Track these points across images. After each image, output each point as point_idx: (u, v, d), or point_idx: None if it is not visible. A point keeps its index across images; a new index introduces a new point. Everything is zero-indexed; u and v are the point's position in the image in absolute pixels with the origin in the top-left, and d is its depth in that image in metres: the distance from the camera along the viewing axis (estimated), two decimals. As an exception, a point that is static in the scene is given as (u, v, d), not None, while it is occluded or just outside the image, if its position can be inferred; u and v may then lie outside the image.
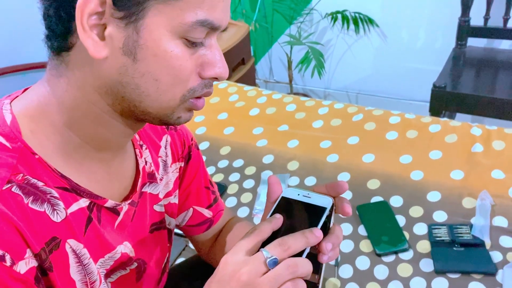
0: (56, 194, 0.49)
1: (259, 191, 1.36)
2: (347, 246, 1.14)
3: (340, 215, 0.55)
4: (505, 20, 1.92)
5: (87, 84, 0.49)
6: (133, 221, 0.61)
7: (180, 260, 1.18)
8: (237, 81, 2.33)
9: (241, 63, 2.51)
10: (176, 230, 1.25)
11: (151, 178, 0.65)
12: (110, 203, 0.56)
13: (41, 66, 2.12)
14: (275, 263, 0.45)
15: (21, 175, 0.47)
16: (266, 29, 2.72)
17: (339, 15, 2.41)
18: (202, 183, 0.78)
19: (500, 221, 1.12)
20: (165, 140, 0.70)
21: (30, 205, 0.46)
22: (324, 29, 2.59)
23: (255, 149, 1.54)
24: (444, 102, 1.84)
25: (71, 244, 0.51)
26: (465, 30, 2.03)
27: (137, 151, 0.63)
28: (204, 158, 1.54)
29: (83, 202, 0.52)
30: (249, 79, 2.56)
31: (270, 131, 1.61)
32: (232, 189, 1.40)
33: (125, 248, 0.59)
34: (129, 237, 0.60)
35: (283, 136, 1.57)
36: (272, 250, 0.46)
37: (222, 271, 0.46)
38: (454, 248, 1.07)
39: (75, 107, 0.50)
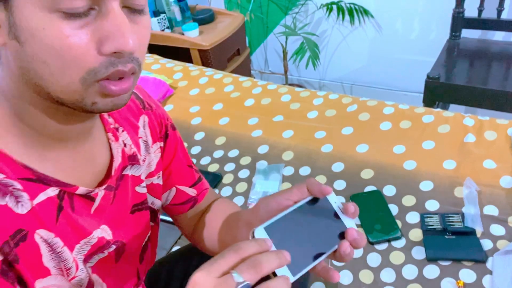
0: (19, 186, 0.47)
1: (254, 181, 1.38)
2: (340, 234, 1.16)
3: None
4: (499, 12, 1.93)
5: (10, 72, 0.46)
6: (113, 204, 0.60)
7: (176, 248, 1.20)
8: (232, 71, 2.34)
9: (236, 53, 2.51)
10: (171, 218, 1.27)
11: (132, 160, 0.63)
12: (81, 190, 0.54)
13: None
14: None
15: None
16: (261, 19, 2.72)
17: (334, 6, 2.41)
18: (184, 162, 0.76)
19: (491, 210, 1.14)
20: (143, 120, 0.68)
21: None
22: (319, 20, 2.59)
23: (250, 139, 1.55)
24: (437, 93, 1.85)
25: (42, 234, 0.50)
26: (459, 22, 2.04)
27: (110, 135, 0.61)
28: (199, 148, 1.55)
29: (51, 191, 0.51)
30: (244, 69, 2.56)
31: (265, 121, 1.62)
32: (227, 179, 1.41)
33: (102, 232, 0.58)
34: (108, 220, 0.59)
35: (278, 127, 1.58)
36: (244, 273, 0.43)
37: None
38: (446, 236, 1.09)
39: (15, 97, 0.48)
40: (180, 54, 2.29)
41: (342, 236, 0.54)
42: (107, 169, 0.60)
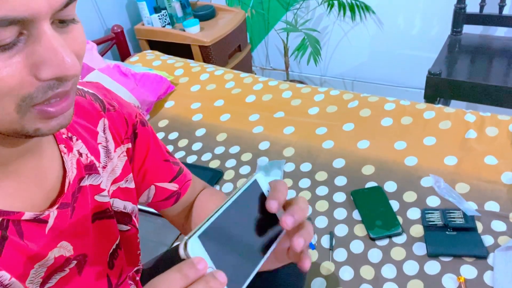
0: None
1: (255, 177, 1.37)
2: (341, 230, 1.16)
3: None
4: (501, 7, 1.93)
5: None
6: (73, 217, 0.56)
7: (177, 243, 1.20)
8: (234, 68, 2.33)
9: (237, 50, 2.50)
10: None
11: (89, 169, 0.60)
12: (28, 216, 0.50)
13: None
14: None
15: None
16: (262, 15, 2.71)
17: (336, 2, 2.40)
18: (159, 158, 0.73)
19: (492, 206, 1.14)
20: (103, 124, 0.64)
21: None
22: (321, 16, 2.58)
23: (251, 135, 1.55)
24: (439, 89, 1.85)
25: None
26: (460, 17, 2.03)
27: (62, 146, 0.57)
28: (200, 144, 1.55)
29: None
30: (246, 66, 2.55)
31: (266, 117, 1.62)
32: (228, 175, 1.41)
33: (59, 250, 0.54)
34: (68, 235, 0.56)
35: (279, 123, 1.58)
36: None
37: None
38: (447, 232, 1.09)
39: None
40: (181, 50, 2.29)
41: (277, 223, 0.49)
42: (60, 185, 0.56)
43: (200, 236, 0.41)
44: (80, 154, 0.59)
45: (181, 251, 0.40)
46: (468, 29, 2.08)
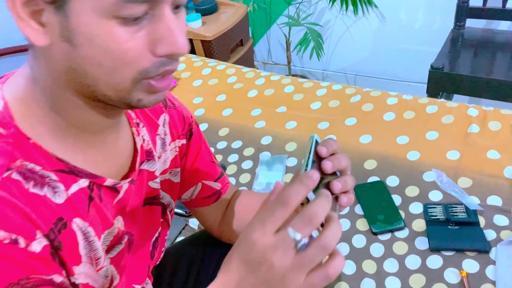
0: (55, 177, 0.49)
1: (258, 172, 1.38)
2: (343, 224, 1.16)
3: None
4: (504, 1, 1.92)
5: (51, 69, 0.48)
6: (131, 197, 0.62)
7: (180, 238, 1.20)
8: (235, 62, 2.33)
9: (239, 44, 2.50)
10: (175, 209, 1.28)
11: (148, 155, 0.65)
12: (109, 182, 0.56)
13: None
14: (305, 246, 0.43)
15: (19, 161, 0.47)
16: (264, 9, 2.71)
17: (338, -4, 2.39)
18: (208, 158, 0.79)
19: (495, 200, 1.14)
20: (163, 119, 0.70)
21: (31, 189, 0.47)
22: (323, 10, 2.57)
23: (253, 130, 1.55)
24: (441, 83, 1.84)
25: (78, 223, 0.52)
26: (463, 11, 2.02)
27: (134, 129, 0.63)
28: (202, 139, 1.55)
29: (83, 183, 0.53)
30: (248, 60, 2.55)
31: (268, 112, 1.62)
32: (230, 169, 1.41)
33: (117, 222, 0.60)
34: (122, 212, 0.61)
35: (281, 118, 1.58)
36: (301, 230, 0.43)
37: (250, 253, 0.44)
38: (449, 227, 1.09)
39: (52, 91, 0.49)
40: (183, 45, 2.29)
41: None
42: (130, 162, 0.62)
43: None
44: (143, 140, 0.64)
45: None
46: (471, 23, 2.07)
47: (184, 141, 0.74)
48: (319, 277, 0.44)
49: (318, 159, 0.52)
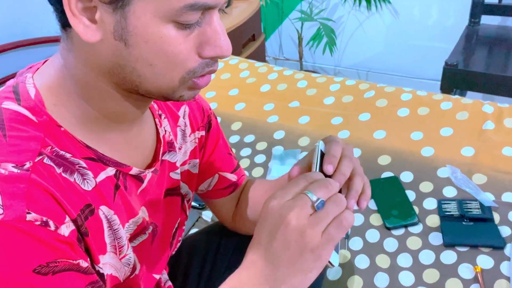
0: (84, 165, 0.51)
1: (270, 166, 1.38)
2: (357, 219, 1.16)
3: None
4: (520, -3, 1.90)
5: (91, 62, 0.49)
6: (152, 188, 0.63)
7: (193, 230, 1.21)
8: (247, 57, 2.33)
9: (251, 39, 2.50)
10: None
11: (170, 146, 0.66)
12: (134, 171, 0.57)
13: (49, 40, 2.12)
14: (322, 205, 0.46)
15: (50, 147, 0.48)
16: (276, 4, 2.70)
17: (351, -9, 2.39)
18: (225, 150, 0.80)
19: (510, 197, 1.13)
20: (183, 110, 0.71)
21: (62, 174, 0.48)
22: (336, 5, 2.56)
23: (266, 125, 1.55)
24: (455, 80, 1.83)
25: (104, 211, 0.53)
26: (478, 7, 2.00)
27: (157, 120, 0.64)
28: (216, 133, 1.56)
29: (110, 171, 0.54)
30: (259, 55, 2.55)
31: (281, 107, 1.62)
32: (243, 163, 1.42)
33: (142, 212, 0.61)
34: (146, 202, 0.62)
35: (294, 112, 1.58)
36: (317, 191, 0.47)
37: (269, 219, 0.47)
38: (463, 223, 1.08)
39: (85, 82, 0.51)
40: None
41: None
42: (154, 153, 0.63)
43: None
44: (165, 131, 0.66)
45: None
46: (486, 20, 2.05)
47: (203, 133, 0.75)
48: (335, 227, 0.46)
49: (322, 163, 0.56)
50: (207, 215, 1.26)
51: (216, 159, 0.78)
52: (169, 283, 0.78)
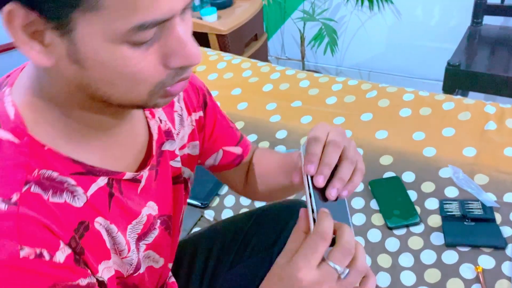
0: (72, 182, 0.49)
1: (273, 165, 1.39)
2: (359, 219, 1.17)
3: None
4: (523, -2, 1.90)
5: (58, 78, 0.47)
6: (157, 180, 0.62)
7: (195, 229, 1.22)
8: (250, 57, 2.33)
9: (253, 38, 2.50)
10: (191, 201, 1.29)
11: (168, 135, 0.65)
12: (128, 175, 0.56)
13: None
14: (348, 273, 0.47)
15: (36, 171, 0.47)
16: (279, 4, 2.70)
17: (354, -9, 2.39)
18: (226, 125, 0.79)
19: (511, 198, 1.14)
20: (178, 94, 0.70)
21: (50, 199, 0.47)
22: (338, 5, 2.57)
23: (268, 124, 1.56)
24: (457, 80, 1.83)
25: (100, 221, 0.52)
26: (481, 8, 2.00)
27: (147, 113, 0.63)
28: (218, 132, 1.56)
29: (101, 181, 0.53)
30: (262, 55, 2.55)
31: (284, 107, 1.62)
32: (246, 163, 1.42)
33: (148, 209, 0.60)
34: (154, 196, 0.61)
35: (296, 112, 1.59)
36: (341, 262, 0.47)
37: None
38: (465, 223, 1.09)
39: (60, 95, 0.49)
40: (198, 38, 2.29)
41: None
42: (147, 147, 0.61)
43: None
44: (160, 121, 0.64)
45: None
46: (489, 20, 2.05)
47: (201, 113, 0.74)
48: None
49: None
50: (209, 215, 1.27)
51: (218, 135, 0.77)
52: (173, 279, 0.78)
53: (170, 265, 0.71)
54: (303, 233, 0.50)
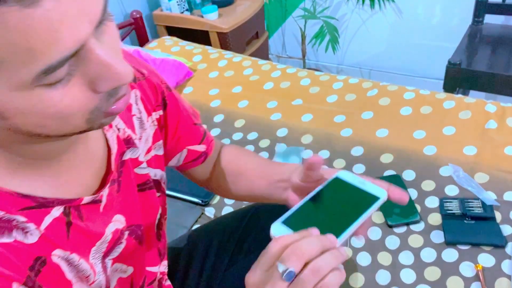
0: (22, 219, 0.46)
1: (273, 163, 1.39)
2: (359, 217, 1.17)
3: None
4: (524, -3, 1.90)
5: None
6: (120, 191, 0.59)
7: (196, 226, 1.22)
8: (251, 55, 2.33)
9: (254, 37, 2.50)
10: (192, 198, 1.29)
11: (128, 143, 0.61)
12: (86, 200, 0.52)
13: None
14: (292, 276, 0.44)
15: None
16: (280, 2, 2.70)
17: (355, -10, 2.38)
18: (189, 123, 0.76)
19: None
20: (134, 95, 0.64)
21: None
22: (339, 3, 2.56)
23: (269, 122, 1.56)
24: (458, 79, 1.83)
25: (58, 254, 0.49)
26: (482, 7, 2.00)
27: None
28: (218, 130, 1.57)
29: (56, 211, 0.49)
30: (262, 53, 2.55)
31: (284, 105, 1.62)
32: (246, 160, 1.42)
33: (115, 224, 0.57)
34: (119, 209, 0.58)
35: (297, 110, 1.59)
36: (287, 261, 0.45)
37: None
38: (465, 221, 1.09)
39: None
40: (199, 36, 2.30)
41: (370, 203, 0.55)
42: (107, 162, 0.58)
43: (284, 221, 0.52)
44: (118, 129, 0.60)
45: (271, 233, 0.51)
46: (490, 19, 2.05)
47: (161, 112, 0.69)
48: None
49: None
50: (210, 212, 1.27)
51: (182, 134, 0.74)
52: (168, 282, 0.76)
53: (155, 269, 0.69)
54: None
